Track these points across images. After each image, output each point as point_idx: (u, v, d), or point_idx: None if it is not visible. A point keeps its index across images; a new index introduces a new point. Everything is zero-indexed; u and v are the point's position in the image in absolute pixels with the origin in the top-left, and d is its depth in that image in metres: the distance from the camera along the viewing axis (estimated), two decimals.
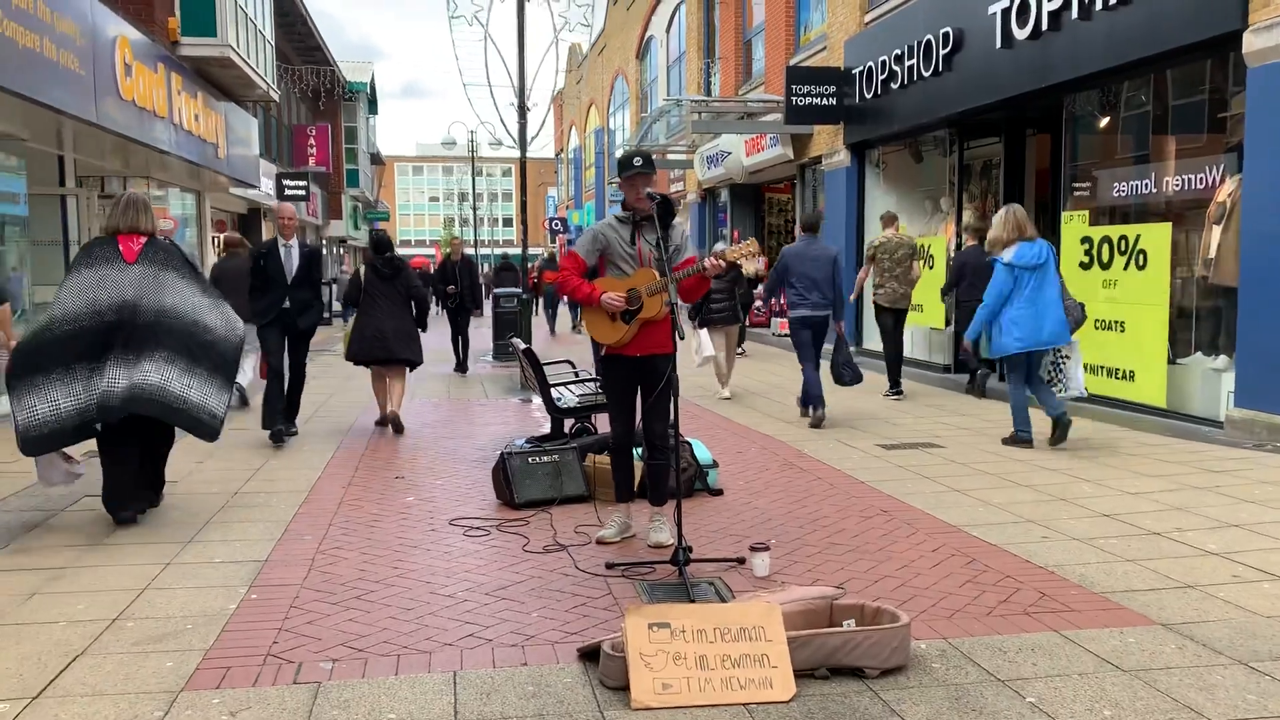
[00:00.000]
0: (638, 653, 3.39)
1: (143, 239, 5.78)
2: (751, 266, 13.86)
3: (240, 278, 9.41)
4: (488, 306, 24.70)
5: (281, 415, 8.48)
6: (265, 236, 23.57)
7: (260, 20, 16.85)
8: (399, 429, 9.10)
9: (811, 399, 9.16)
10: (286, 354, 8.62)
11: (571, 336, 22.40)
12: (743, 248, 4.97)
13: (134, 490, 5.76)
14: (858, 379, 9.36)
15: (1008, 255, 7.66)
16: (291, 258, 8.44)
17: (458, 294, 14.47)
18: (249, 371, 10.25)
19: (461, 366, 14.49)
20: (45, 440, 5.39)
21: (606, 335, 5.04)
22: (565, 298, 8.76)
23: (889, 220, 11.49)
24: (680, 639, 3.45)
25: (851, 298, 11.27)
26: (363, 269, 9.33)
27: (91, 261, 5.66)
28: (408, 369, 9.29)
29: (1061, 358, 8.00)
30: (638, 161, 4.99)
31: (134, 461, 5.74)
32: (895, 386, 10.98)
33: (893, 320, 11.11)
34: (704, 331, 10.99)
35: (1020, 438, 7.90)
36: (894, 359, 11.09)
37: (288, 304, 8.37)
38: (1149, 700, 3.31)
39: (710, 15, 23.34)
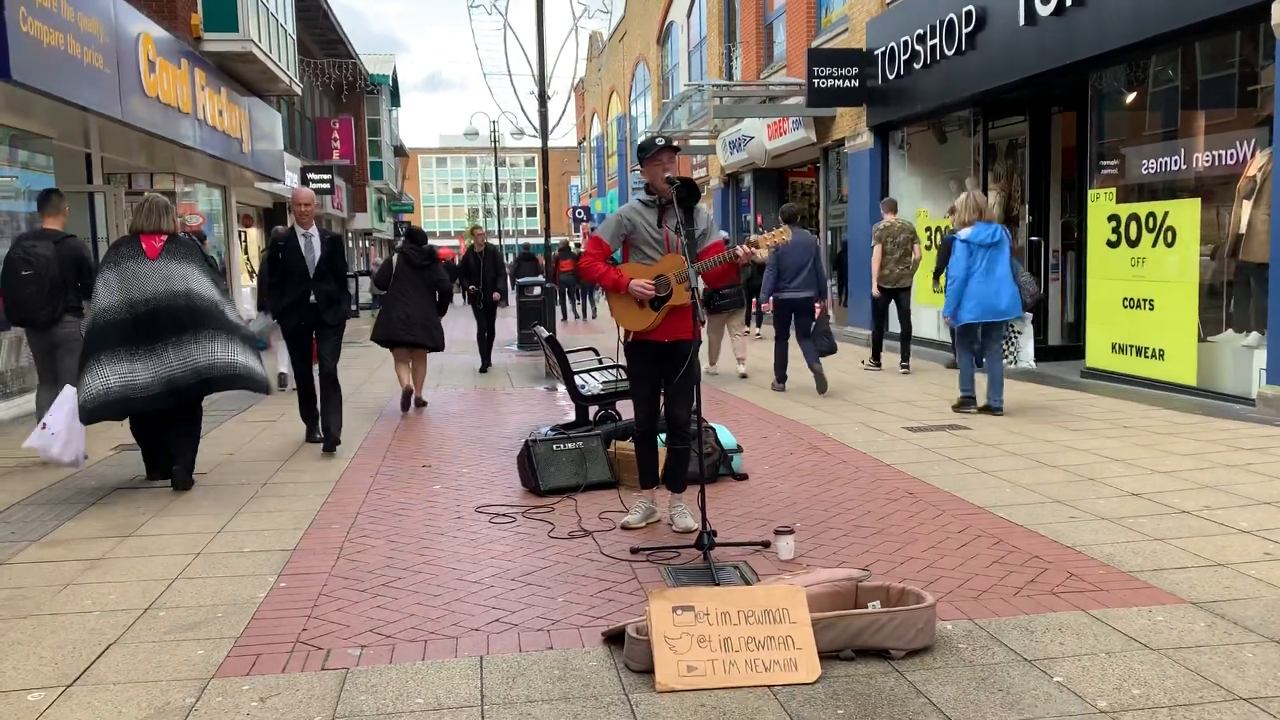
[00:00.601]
0: (662, 635, 3.40)
1: (164, 237, 6.40)
2: (765, 253, 14.25)
3: None
4: (512, 297, 24.75)
5: (324, 429, 7.71)
6: None
7: (281, 14, 16.92)
8: (421, 404, 10.09)
9: (779, 369, 10.53)
10: (315, 362, 7.85)
11: (587, 324, 22.44)
12: (776, 235, 4.96)
13: (175, 451, 6.54)
14: (833, 349, 10.09)
15: (964, 234, 8.36)
16: (312, 247, 7.66)
17: (480, 291, 13.04)
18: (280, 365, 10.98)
19: (485, 364, 13.46)
20: (97, 411, 6.08)
21: (634, 322, 5.02)
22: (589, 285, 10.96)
23: (890, 206, 12.24)
24: (704, 622, 3.46)
25: (875, 291, 11.80)
26: (395, 256, 10.01)
27: (119, 260, 6.31)
28: (429, 352, 10.11)
29: (1014, 333, 8.85)
30: (659, 142, 4.97)
31: (171, 428, 6.54)
32: (876, 359, 12.12)
33: (890, 300, 11.81)
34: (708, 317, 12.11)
35: (964, 399, 8.75)
36: (905, 337, 11.94)
37: (313, 298, 7.59)
38: (1178, 679, 3.29)
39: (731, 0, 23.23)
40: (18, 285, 7.12)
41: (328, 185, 24.30)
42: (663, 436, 5.44)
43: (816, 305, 10.16)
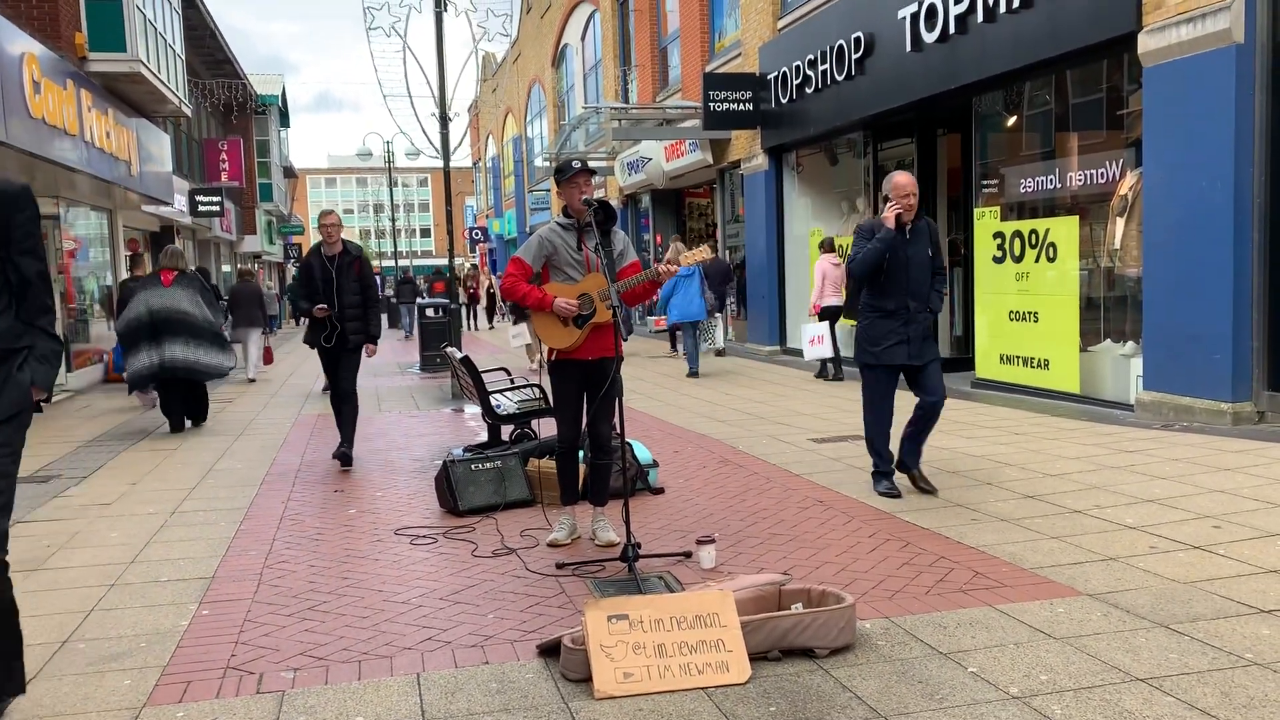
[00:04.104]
0: (598, 644, 3.50)
1: (175, 272, 10.14)
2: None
3: (250, 298, 15.43)
4: (412, 322, 24.43)
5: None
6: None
7: (170, 34, 16.53)
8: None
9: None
10: None
11: (475, 340, 22.37)
12: (698, 253, 5.12)
13: (179, 412, 10.30)
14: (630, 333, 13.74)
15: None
16: None
17: (332, 320, 7.86)
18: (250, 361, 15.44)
19: (342, 454, 8.00)
20: (135, 383, 10.00)
21: (559, 340, 5.12)
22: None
23: (676, 238, 17.50)
24: (639, 629, 3.57)
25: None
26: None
27: (146, 286, 10.12)
28: None
29: (711, 326, 16.15)
30: (575, 165, 5.10)
31: (178, 395, 10.27)
32: (674, 346, 17.18)
33: None
34: (523, 324, 14.71)
35: (692, 374, 13.45)
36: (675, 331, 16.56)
37: None
38: (1081, 664, 3.53)
39: (625, 23, 23.54)
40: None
41: (218, 208, 23.70)
42: (581, 453, 5.54)
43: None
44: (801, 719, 3.20)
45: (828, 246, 12.72)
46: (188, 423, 10.44)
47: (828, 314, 12.37)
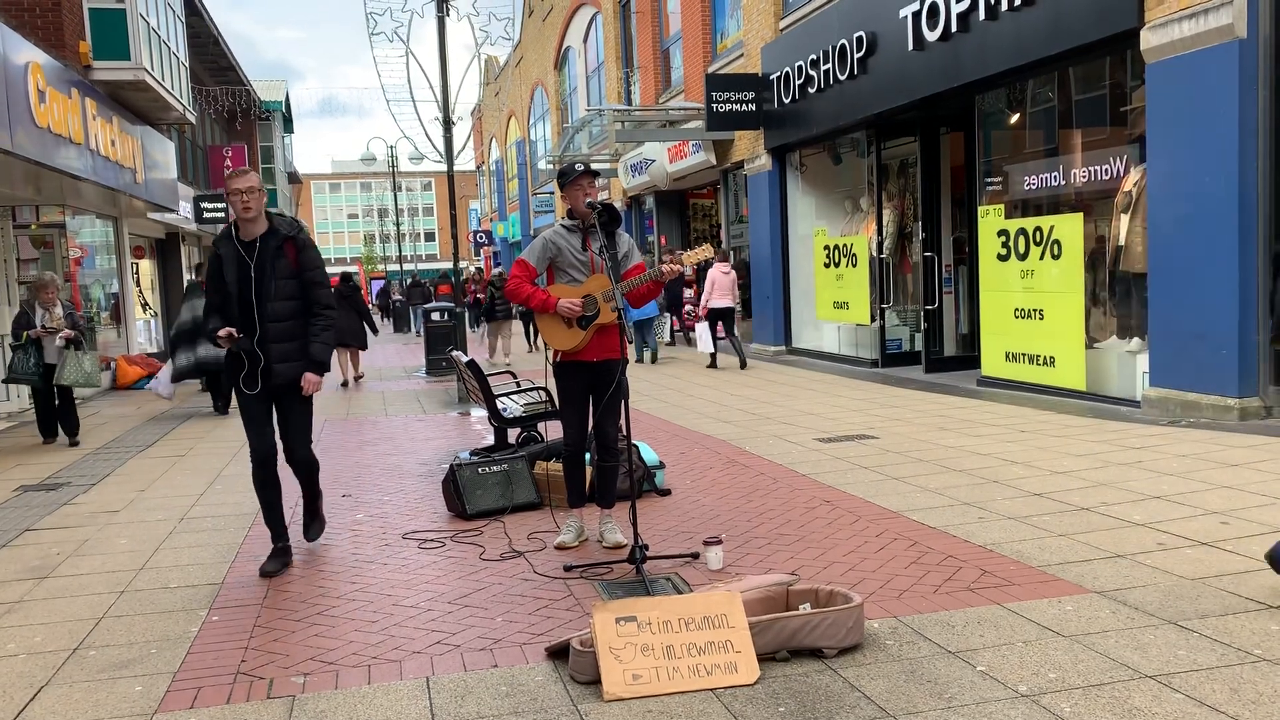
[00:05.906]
0: (607, 646, 3.51)
1: None
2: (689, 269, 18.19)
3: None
4: (420, 324, 24.28)
5: None
6: (184, 261, 23.17)
7: (173, 42, 16.58)
8: (358, 377, 15.55)
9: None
10: None
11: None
12: (699, 252, 5.14)
13: (226, 397, 12.11)
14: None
15: None
16: None
17: (249, 349, 5.08)
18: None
19: (285, 550, 5.38)
20: (177, 375, 11.76)
21: (563, 341, 5.13)
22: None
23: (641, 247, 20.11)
24: (647, 631, 3.57)
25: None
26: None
27: (194, 295, 11.69)
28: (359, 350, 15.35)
29: (659, 323, 17.64)
30: (578, 167, 5.11)
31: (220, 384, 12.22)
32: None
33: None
34: (486, 324, 18.83)
35: (639, 360, 15.69)
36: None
37: None
38: (1089, 662, 3.53)
39: (627, 25, 23.56)
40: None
41: (222, 214, 23.74)
42: (588, 455, 5.54)
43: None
44: (811, 719, 3.20)
45: (722, 256, 15.05)
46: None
47: (716, 314, 14.60)
